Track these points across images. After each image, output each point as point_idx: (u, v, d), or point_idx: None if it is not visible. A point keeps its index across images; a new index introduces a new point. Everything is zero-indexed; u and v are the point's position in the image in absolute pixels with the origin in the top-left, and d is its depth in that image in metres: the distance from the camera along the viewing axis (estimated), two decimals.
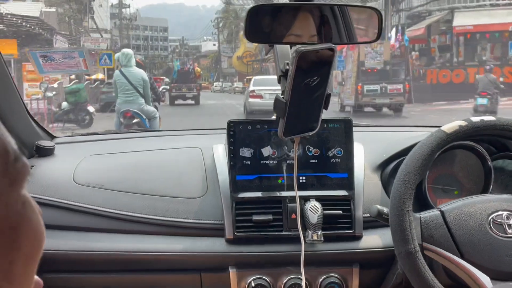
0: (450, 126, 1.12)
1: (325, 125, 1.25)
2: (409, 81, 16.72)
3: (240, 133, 1.27)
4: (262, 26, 1.00)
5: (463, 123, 1.12)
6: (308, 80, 0.99)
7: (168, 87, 22.87)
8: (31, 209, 0.36)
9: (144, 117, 5.75)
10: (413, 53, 24.10)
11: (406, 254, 1.04)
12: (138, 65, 6.64)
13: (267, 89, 13.94)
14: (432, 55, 25.70)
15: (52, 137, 1.47)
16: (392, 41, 18.30)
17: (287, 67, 0.98)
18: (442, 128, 1.12)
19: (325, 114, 1.12)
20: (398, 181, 1.09)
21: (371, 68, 16.34)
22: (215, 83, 29.14)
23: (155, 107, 6.17)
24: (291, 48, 0.99)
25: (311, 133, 1.08)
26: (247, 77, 26.94)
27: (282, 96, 0.99)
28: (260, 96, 13.92)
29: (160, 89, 14.77)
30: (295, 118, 1.03)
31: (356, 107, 15.79)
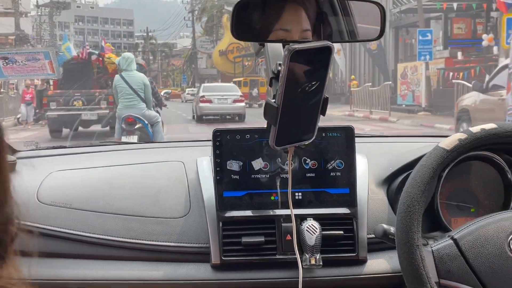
0: (449, 141, 1.11)
1: (323, 134, 1.21)
2: None
3: (227, 144, 1.23)
4: (251, 22, 0.98)
5: (462, 135, 1.11)
6: (303, 82, 0.96)
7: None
8: None
9: (147, 122, 5.82)
10: None
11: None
12: (141, 67, 6.76)
13: (215, 94, 14.93)
14: None
15: (13, 151, 1.37)
16: None
17: (279, 68, 0.94)
18: (440, 144, 1.11)
19: (323, 121, 1.04)
20: (401, 212, 1.07)
21: None
22: (187, 90, 24.47)
23: (157, 112, 6.27)
24: (283, 47, 0.95)
25: (307, 143, 1.02)
26: (234, 80, 23.89)
27: (274, 100, 0.94)
28: (210, 101, 14.81)
29: (162, 94, 14.44)
30: (289, 126, 0.98)
31: None
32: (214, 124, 12.58)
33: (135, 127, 5.76)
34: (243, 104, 15.70)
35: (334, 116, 16.62)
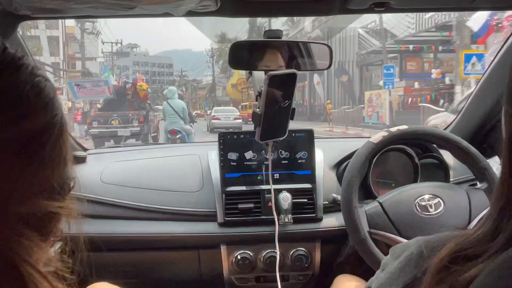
0: (376, 137, 1.15)
1: (293, 134, 1.27)
2: None
3: (228, 141, 1.29)
4: (242, 57, 1.02)
5: (385, 133, 1.15)
6: (277, 98, 1.01)
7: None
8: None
9: (184, 133, 6.74)
10: None
11: (359, 241, 1.06)
12: (180, 96, 7.26)
13: (222, 114, 18.22)
14: None
15: (84, 149, 1.53)
16: None
17: (262, 88, 1.00)
18: (370, 139, 1.15)
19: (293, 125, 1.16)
20: (344, 184, 1.11)
21: None
22: (208, 111, 26.65)
23: (191, 126, 7.30)
24: (265, 74, 1.00)
25: (281, 139, 1.09)
26: (241, 104, 25.03)
27: (258, 110, 1.01)
28: (218, 118, 17.63)
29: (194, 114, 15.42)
30: (268, 127, 1.03)
31: None
32: None
33: (177, 137, 6.63)
34: (240, 120, 18.27)
35: (317, 131, 16.70)
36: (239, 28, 31.29)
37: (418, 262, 0.52)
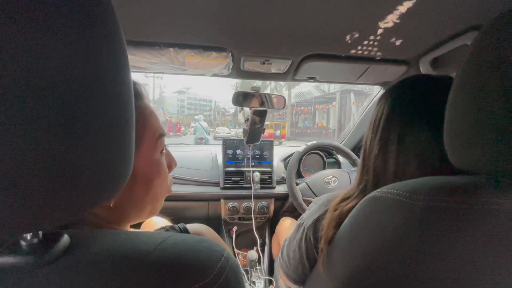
0: (303, 147, 1.25)
1: (262, 142, 1.36)
2: None
3: (227, 144, 1.37)
4: (239, 99, 1.09)
5: (306, 145, 1.24)
6: (257, 122, 1.13)
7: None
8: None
9: (207, 139, 7.72)
10: None
11: (298, 204, 1.13)
12: (203, 121, 8.81)
13: (222, 133, 19.44)
14: None
15: None
16: None
17: (248, 116, 1.12)
18: (298, 149, 1.23)
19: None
20: (287, 171, 1.17)
21: None
22: (231, 129, 23.90)
23: (208, 136, 8.43)
24: (250, 109, 1.11)
25: (257, 143, 1.21)
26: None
27: (246, 127, 1.15)
28: (218, 132, 19.31)
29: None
30: (251, 137, 1.15)
31: None
32: None
33: (203, 141, 7.45)
34: (230, 134, 18.50)
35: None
36: None
37: (326, 203, 0.55)
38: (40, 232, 0.25)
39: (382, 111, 0.49)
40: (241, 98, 1.07)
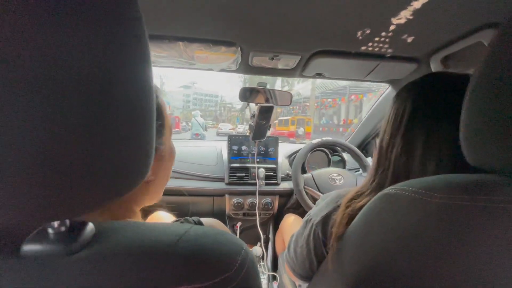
0: (316, 140, 1.26)
1: (267, 138, 1.33)
2: None
3: (233, 140, 1.36)
4: (246, 95, 1.08)
5: (315, 141, 1.25)
6: (263, 118, 1.12)
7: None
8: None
9: (203, 135, 7.89)
10: None
11: (298, 191, 1.14)
12: (200, 116, 9.05)
13: (224, 129, 19.52)
14: None
15: None
16: None
17: (254, 113, 1.12)
18: (312, 141, 1.26)
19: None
20: (294, 164, 1.18)
21: None
22: (239, 126, 21.51)
23: (204, 132, 8.51)
24: (256, 105, 1.12)
25: (262, 140, 1.21)
26: (280, 118, 17.63)
27: (252, 123, 1.13)
28: (221, 128, 19.45)
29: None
30: (256, 133, 1.15)
31: None
32: None
33: (198, 137, 7.48)
34: (232, 130, 18.06)
35: None
36: None
37: (335, 200, 0.55)
38: (67, 221, 0.25)
39: (403, 108, 0.48)
40: (247, 94, 1.06)
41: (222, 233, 0.28)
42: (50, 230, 0.25)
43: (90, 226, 0.26)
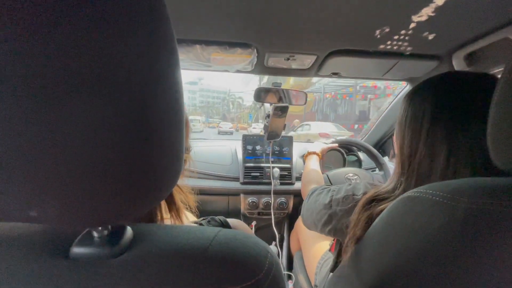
0: (332, 139, 1.22)
1: (282, 137, 1.33)
2: None
3: (248, 140, 1.36)
4: (260, 95, 1.08)
5: (329, 141, 1.22)
6: (277, 117, 1.10)
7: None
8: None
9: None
10: None
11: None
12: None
13: (224, 128, 18.33)
14: None
15: None
16: None
17: (269, 112, 1.11)
18: (332, 138, 1.23)
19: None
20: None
21: None
22: (253, 124, 19.33)
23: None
24: (270, 105, 1.10)
25: (277, 139, 1.21)
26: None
27: (267, 123, 1.12)
28: (221, 127, 18.40)
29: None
30: (271, 133, 1.14)
31: None
32: None
33: None
34: (233, 129, 19.24)
35: None
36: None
37: (349, 189, 0.57)
38: (110, 226, 0.26)
39: (422, 110, 0.46)
40: (262, 94, 1.06)
41: (249, 237, 0.28)
42: (95, 234, 0.26)
43: (129, 230, 0.27)
